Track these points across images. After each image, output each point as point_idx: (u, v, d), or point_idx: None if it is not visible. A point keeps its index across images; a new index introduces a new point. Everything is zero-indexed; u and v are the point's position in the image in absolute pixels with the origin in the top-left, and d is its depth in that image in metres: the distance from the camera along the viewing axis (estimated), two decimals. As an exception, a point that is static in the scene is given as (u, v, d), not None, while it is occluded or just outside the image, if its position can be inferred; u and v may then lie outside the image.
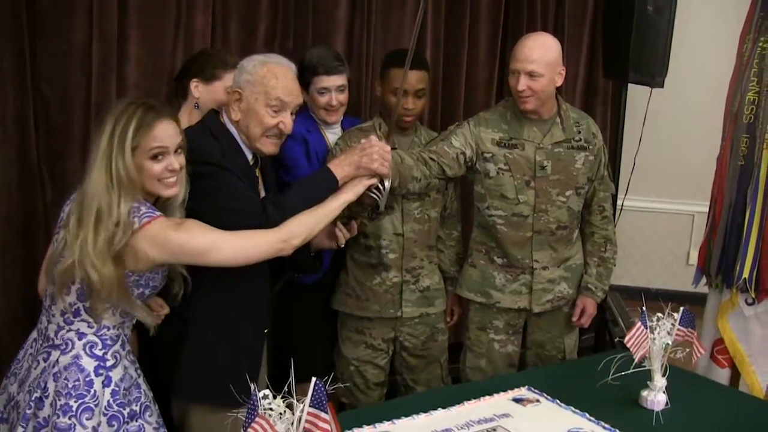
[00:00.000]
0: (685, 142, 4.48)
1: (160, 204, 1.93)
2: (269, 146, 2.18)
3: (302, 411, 1.38)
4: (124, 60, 2.77)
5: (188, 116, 2.51)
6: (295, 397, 1.39)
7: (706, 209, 2.91)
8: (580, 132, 2.69)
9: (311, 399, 1.39)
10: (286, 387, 1.41)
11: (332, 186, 2.16)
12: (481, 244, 2.77)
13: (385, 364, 2.76)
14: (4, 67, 2.57)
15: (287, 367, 1.42)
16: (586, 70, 4.25)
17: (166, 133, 1.87)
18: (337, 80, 2.68)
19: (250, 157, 2.20)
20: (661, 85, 3.67)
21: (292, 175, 2.58)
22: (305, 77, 2.62)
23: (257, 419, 1.34)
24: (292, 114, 2.18)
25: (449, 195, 2.78)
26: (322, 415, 1.39)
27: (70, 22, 2.66)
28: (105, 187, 1.78)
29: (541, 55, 2.51)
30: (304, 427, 1.39)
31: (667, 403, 2.11)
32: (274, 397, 1.41)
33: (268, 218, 2.03)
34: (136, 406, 1.91)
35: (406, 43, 3.50)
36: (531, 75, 2.50)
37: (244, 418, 1.39)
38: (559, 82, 2.60)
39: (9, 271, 2.56)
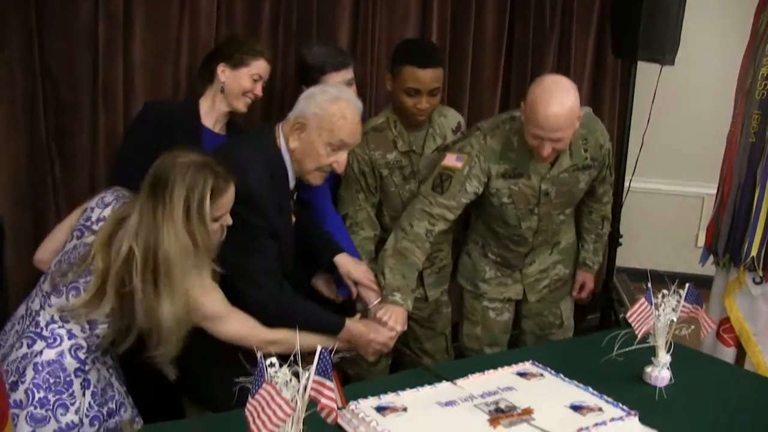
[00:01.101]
0: (696, 123, 4.45)
1: None
2: (317, 179, 2.21)
3: (308, 379, 1.41)
4: (129, 40, 2.78)
5: (212, 101, 2.54)
6: (300, 366, 1.41)
7: (717, 191, 2.88)
8: (586, 151, 2.54)
9: (316, 367, 1.41)
10: (292, 357, 1.43)
11: (333, 331, 2.18)
12: (480, 237, 2.77)
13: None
14: (12, 48, 2.58)
15: None
16: (594, 48, 4.23)
17: (230, 198, 1.93)
18: (347, 75, 2.67)
19: (293, 184, 2.21)
20: (672, 63, 3.62)
21: (308, 191, 2.51)
22: (312, 76, 2.61)
23: (264, 386, 1.35)
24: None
25: None
26: (327, 382, 1.42)
27: (76, 2, 2.67)
28: (193, 251, 1.84)
29: (566, 118, 2.26)
30: (309, 395, 1.41)
31: (671, 380, 2.11)
32: (280, 366, 1.43)
33: (279, 302, 2.11)
34: (113, 404, 1.98)
35: (412, 26, 3.53)
36: (557, 140, 2.30)
37: (251, 386, 1.42)
38: (576, 126, 2.36)
39: (21, 248, 2.59)
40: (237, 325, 2.03)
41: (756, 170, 2.58)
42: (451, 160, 2.48)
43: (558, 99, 2.26)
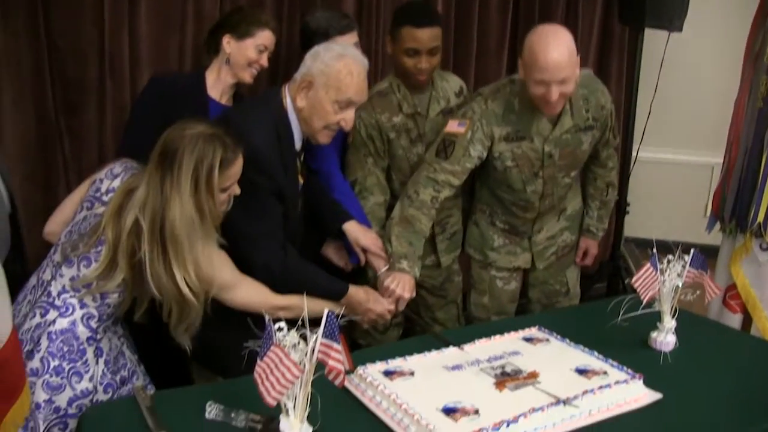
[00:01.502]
0: (705, 92, 4.41)
1: None
2: (325, 138, 2.21)
3: (315, 342, 1.43)
4: (134, 13, 2.79)
5: (218, 72, 2.54)
6: (308, 329, 1.44)
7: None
8: (588, 111, 2.54)
9: (324, 330, 1.43)
10: (300, 321, 1.45)
11: (336, 296, 2.21)
12: (486, 205, 2.78)
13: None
14: (18, 23, 2.60)
15: None
16: (601, 16, 4.18)
17: (239, 168, 1.94)
18: (351, 39, 2.65)
19: (299, 146, 2.22)
20: (680, 29, 3.59)
21: (316, 159, 2.54)
22: (316, 42, 2.55)
23: (272, 348, 1.38)
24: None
25: None
26: (335, 345, 1.44)
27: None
28: (199, 222, 1.86)
29: (566, 57, 2.28)
30: (317, 357, 1.43)
31: (676, 345, 2.13)
32: (288, 330, 1.45)
33: (283, 267, 2.12)
34: (125, 372, 2.01)
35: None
36: (563, 81, 2.30)
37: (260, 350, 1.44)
38: (578, 72, 2.37)
39: (32, 223, 2.62)
40: (247, 293, 2.06)
41: (763, 135, 2.58)
42: (453, 126, 2.50)
43: (555, 40, 2.29)
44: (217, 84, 2.54)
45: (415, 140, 2.67)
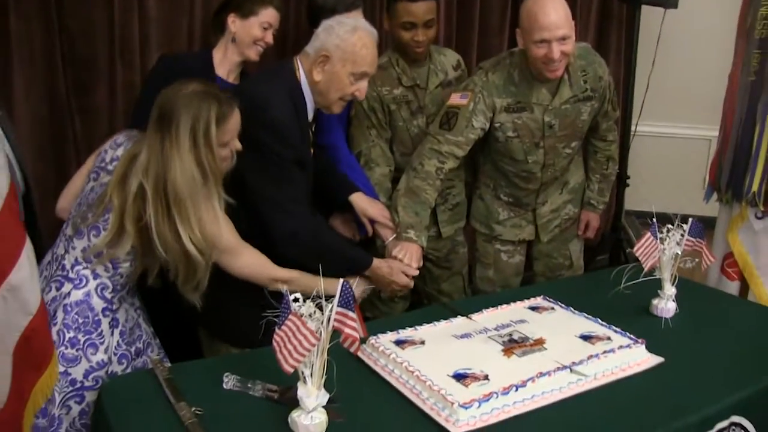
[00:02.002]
0: (701, 66, 4.44)
1: None
2: (338, 108, 2.27)
3: (331, 310, 1.49)
4: None
5: (224, 50, 2.58)
6: (323, 298, 1.49)
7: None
8: (586, 82, 2.60)
9: (339, 300, 1.49)
10: (314, 291, 1.51)
11: (361, 267, 2.23)
12: (490, 179, 2.84)
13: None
14: (30, 5, 2.63)
15: None
16: (600, -7, 4.23)
17: (236, 122, 1.97)
18: (357, 16, 2.65)
19: (311, 117, 2.26)
20: (675, 6, 3.66)
21: (322, 133, 2.57)
22: (323, 18, 2.54)
23: (290, 317, 1.44)
24: None
25: None
26: (350, 314, 1.49)
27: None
28: (201, 180, 1.88)
29: (565, 15, 2.37)
30: (333, 325, 1.49)
31: (676, 311, 2.19)
32: (304, 301, 1.51)
33: (313, 233, 2.16)
34: (140, 343, 2.05)
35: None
36: (562, 39, 2.37)
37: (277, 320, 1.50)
38: (574, 34, 2.45)
39: (45, 201, 2.66)
40: (249, 260, 2.07)
41: (756, 107, 2.63)
42: (455, 98, 2.56)
43: (551, 1, 2.38)
44: (224, 62, 2.58)
45: (415, 112, 2.73)
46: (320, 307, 1.49)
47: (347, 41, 2.15)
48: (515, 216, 2.84)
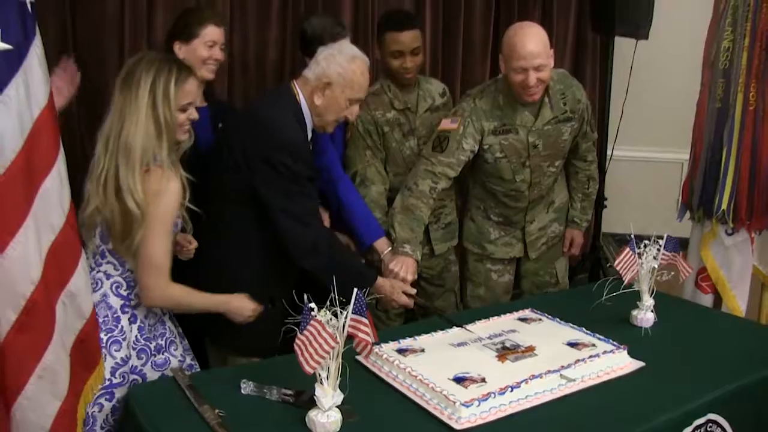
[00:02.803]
0: (672, 92, 4.64)
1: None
2: (332, 128, 2.45)
3: (346, 318, 1.63)
4: (152, 28, 3.00)
5: None
6: (338, 307, 1.64)
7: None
8: (565, 104, 2.80)
9: (353, 307, 1.64)
10: (328, 301, 1.65)
11: (367, 282, 2.32)
12: (480, 201, 3.02)
13: None
14: (48, 36, 2.75)
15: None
16: (575, 24, 4.48)
17: (194, 88, 2.08)
18: (344, 42, 2.85)
19: (310, 136, 2.41)
20: (646, 37, 3.88)
21: (321, 159, 2.69)
22: (312, 48, 2.68)
23: (312, 322, 1.58)
24: None
25: None
26: (363, 320, 1.65)
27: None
28: (155, 135, 1.96)
29: (541, 47, 2.58)
30: (348, 331, 1.64)
31: (655, 321, 2.35)
32: (319, 310, 1.65)
33: (329, 245, 2.30)
34: (162, 340, 2.11)
35: (408, 4, 3.75)
36: (538, 68, 2.57)
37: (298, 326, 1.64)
38: (552, 63, 2.67)
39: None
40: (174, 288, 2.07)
41: (722, 132, 2.81)
42: (446, 123, 2.77)
43: (530, 31, 2.62)
44: None
45: (407, 134, 2.92)
46: (336, 315, 1.64)
47: (347, 69, 2.32)
48: (505, 235, 3.01)
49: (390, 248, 2.63)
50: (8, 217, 1.36)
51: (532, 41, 2.57)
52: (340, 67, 2.32)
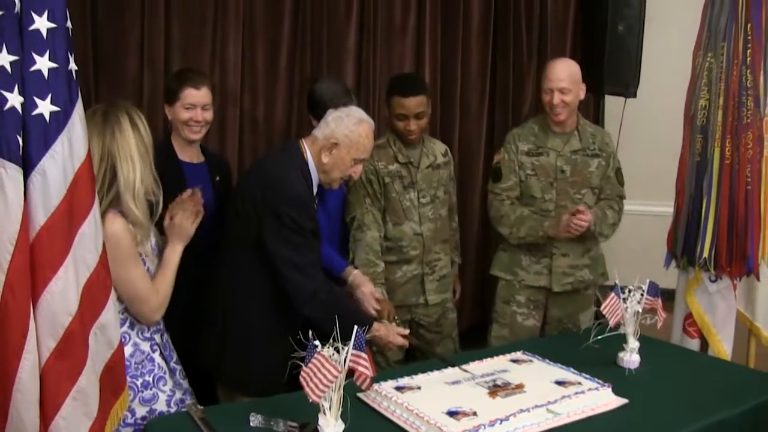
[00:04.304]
0: (660, 148, 4.81)
1: None
2: (337, 184, 2.65)
3: (347, 353, 1.79)
4: (169, 48, 3.23)
5: (176, 137, 2.74)
6: (340, 343, 1.79)
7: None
8: (594, 143, 3.20)
9: (353, 343, 1.80)
10: (331, 339, 1.81)
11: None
12: None
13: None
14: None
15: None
16: (568, 84, 4.68)
17: None
18: None
19: (315, 191, 2.59)
20: (634, 95, 4.12)
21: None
22: (318, 111, 2.87)
23: (316, 355, 1.74)
24: None
25: (451, 192, 3.25)
26: (363, 355, 1.81)
27: (125, 59, 3.13)
28: (150, 167, 2.12)
29: (568, 74, 3.06)
30: (349, 365, 1.79)
31: (640, 363, 2.48)
32: (323, 346, 1.81)
33: (329, 293, 2.45)
34: (149, 377, 2.17)
35: (408, 65, 3.99)
36: (562, 91, 3.03)
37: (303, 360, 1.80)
38: (582, 95, 3.14)
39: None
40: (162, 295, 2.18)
41: (702, 184, 2.98)
42: (496, 157, 3.29)
43: (561, 61, 3.20)
44: (183, 148, 2.76)
45: (407, 186, 3.08)
46: (337, 350, 1.79)
47: (354, 132, 2.51)
48: (536, 262, 3.22)
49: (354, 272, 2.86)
50: (52, 256, 1.55)
51: (559, 68, 3.08)
52: (347, 129, 2.51)
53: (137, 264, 2.11)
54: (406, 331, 2.68)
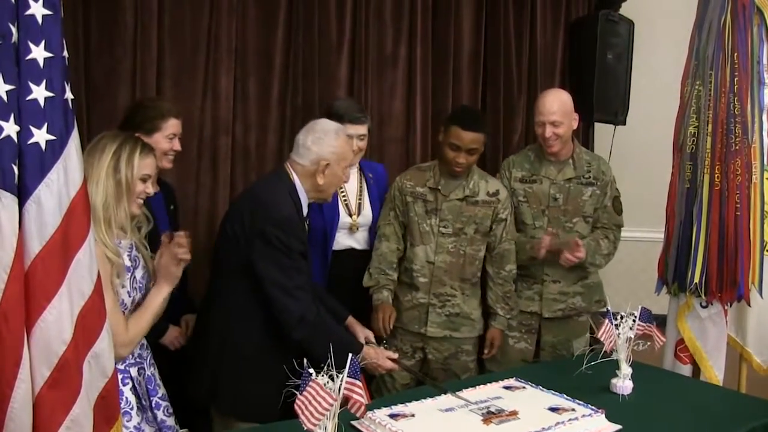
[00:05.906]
0: (650, 174, 4.88)
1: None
2: (330, 196, 2.67)
3: (342, 380, 1.80)
4: (161, 76, 3.26)
5: None
6: (334, 372, 1.80)
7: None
8: (590, 171, 3.22)
9: (348, 371, 1.80)
10: (325, 366, 1.82)
11: (353, 351, 2.26)
12: None
13: (411, 366, 3.09)
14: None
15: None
16: (557, 113, 4.73)
17: (153, 163, 2.23)
18: (360, 129, 3.07)
19: (305, 212, 2.61)
20: (624, 123, 4.18)
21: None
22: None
23: (311, 383, 1.74)
24: None
25: (498, 236, 3.15)
26: (357, 382, 1.81)
27: (117, 88, 3.15)
28: (114, 195, 2.10)
29: (559, 106, 3.10)
30: (343, 393, 1.80)
31: (633, 389, 2.49)
32: (318, 374, 1.81)
33: (317, 316, 2.46)
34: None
35: (399, 98, 4.02)
36: (554, 124, 3.07)
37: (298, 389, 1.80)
38: (575, 126, 3.18)
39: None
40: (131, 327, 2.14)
41: (692, 210, 3.01)
42: None
43: (552, 93, 3.24)
44: None
45: (429, 212, 3.10)
46: (332, 378, 1.79)
47: (337, 145, 2.57)
48: (527, 288, 3.26)
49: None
50: (47, 284, 1.55)
51: (550, 100, 3.13)
52: (330, 146, 2.55)
53: (108, 294, 2.03)
54: (395, 355, 2.67)
